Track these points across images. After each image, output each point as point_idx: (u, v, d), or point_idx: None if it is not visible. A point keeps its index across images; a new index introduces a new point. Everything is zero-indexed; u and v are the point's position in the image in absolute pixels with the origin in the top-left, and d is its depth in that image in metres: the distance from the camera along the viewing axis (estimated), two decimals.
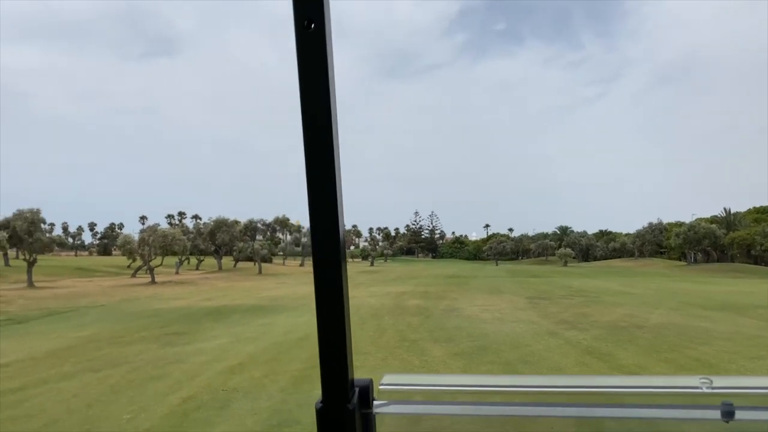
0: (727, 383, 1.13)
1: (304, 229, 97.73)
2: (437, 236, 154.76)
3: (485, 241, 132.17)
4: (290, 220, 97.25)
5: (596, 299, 26.83)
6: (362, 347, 13.89)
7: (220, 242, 65.85)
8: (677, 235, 77.26)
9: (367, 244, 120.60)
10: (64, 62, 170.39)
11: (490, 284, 39.56)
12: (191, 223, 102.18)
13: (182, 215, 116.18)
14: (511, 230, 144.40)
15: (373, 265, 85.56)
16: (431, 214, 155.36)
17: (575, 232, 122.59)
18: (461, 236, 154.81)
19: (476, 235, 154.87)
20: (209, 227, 66.87)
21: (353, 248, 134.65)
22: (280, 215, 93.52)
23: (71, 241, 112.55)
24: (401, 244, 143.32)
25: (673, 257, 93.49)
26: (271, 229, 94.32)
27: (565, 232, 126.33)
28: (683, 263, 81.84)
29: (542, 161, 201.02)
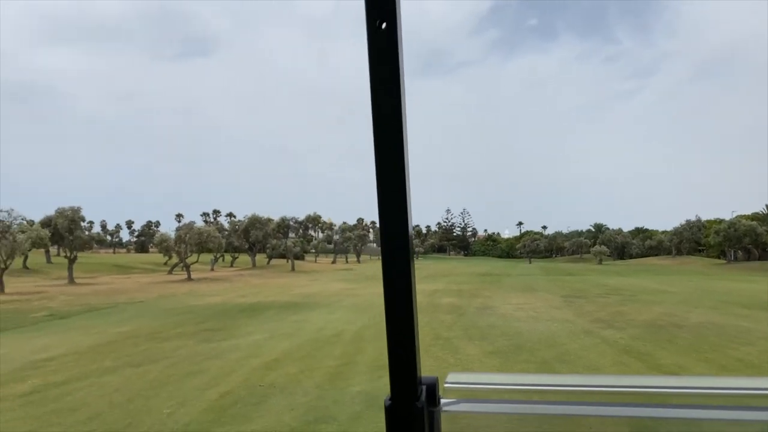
0: None
1: (335, 226, 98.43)
2: (469, 234, 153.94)
3: (518, 238, 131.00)
4: (322, 217, 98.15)
5: (633, 298, 26.35)
6: None
7: (253, 240, 66.69)
8: (716, 232, 75.31)
9: None
10: (101, 63, 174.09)
11: (523, 282, 39.20)
12: (226, 220, 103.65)
13: (217, 213, 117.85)
14: (544, 228, 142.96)
15: None
16: (463, 211, 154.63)
17: (610, 229, 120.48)
18: (494, 234, 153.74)
19: (509, 232, 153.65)
20: (243, 225, 67.77)
21: None
22: (312, 213, 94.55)
23: (110, 238, 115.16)
24: (433, 242, 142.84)
25: (711, 255, 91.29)
26: (303, 226, 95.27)
27: (600, 229, 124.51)
28: (723, 261, 79.82)
29: (577, 158, 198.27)
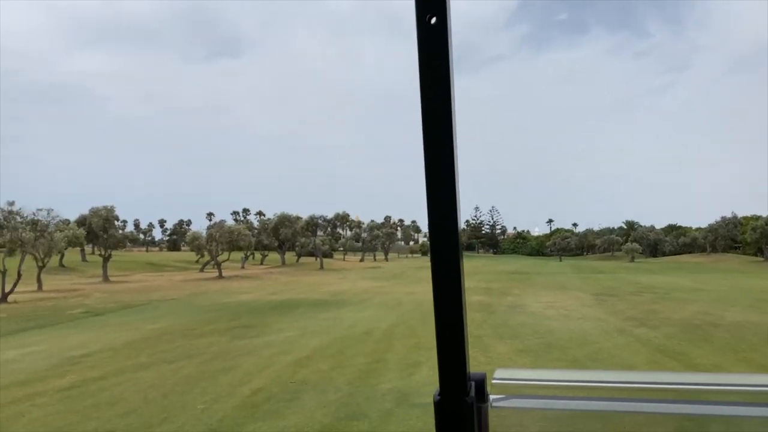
0: None
1: (363, 224, 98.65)
2: (498, 232, 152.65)
3: (548, 236, 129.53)
4: (350, 215, 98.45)
5: (666, 296, 25.87)
6: (427, 342, 13.88)
7: (283, 238, 67.20)
8: (754, 229, 73.39)
9: (426, 239, 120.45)
10: (133, 65, 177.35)
11: (554, 280, 38.79)
12: (255, 219, 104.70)
13: (246, 212, 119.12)
14: (575, 225, 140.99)
15: None
16: (492, 209, 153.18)
17: (642, 226, 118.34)
18: (523, 231, 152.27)
19: (539, 230, 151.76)
20: (272, 223, 68.35)
21: (412, 244, 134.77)
22: (340, 211, 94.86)
23: (142, 237, 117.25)
24: (461, 239, 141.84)
25: (748, 253, 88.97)
26: (331, 224, 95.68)
27: (632, 226, 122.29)
28: (760, 259, 77.74)
29: (608, 154, 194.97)
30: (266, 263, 69.25)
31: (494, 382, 1.14)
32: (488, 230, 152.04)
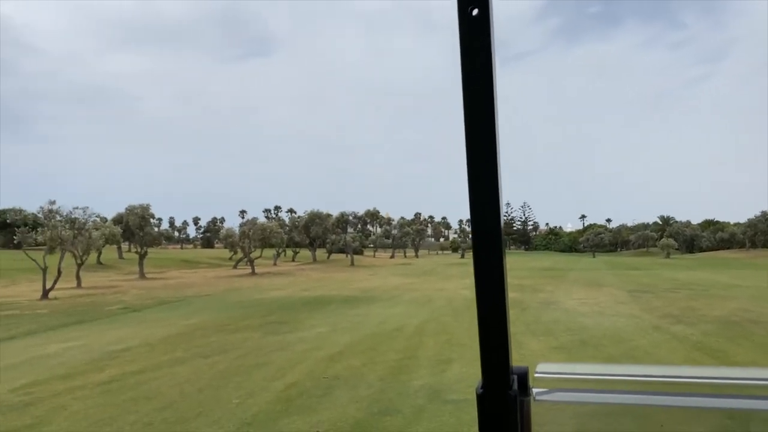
0: None
1: (393, 221, 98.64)
2: (530, 228, 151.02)
3: (581, 232, 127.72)
4: (380, 212, 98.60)
5: (704, 292, 25.32)
6: (458, 339, 13.85)
7: (313, 235, 67.71)
8: None
9: (456, 236, 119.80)
10: (167, 65, 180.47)
11: (587, 277, 38.26)
12: (287, 216, 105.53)
13: (278, 209, 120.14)
14: (608, 221, 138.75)
15: (463, 257, 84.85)
16: (523, 204, 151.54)
17: (678, 221, 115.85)
18: (555, 227, 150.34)
19: (571, 226, 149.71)
20: (303, 220, 68.90)
21: (443, 240, 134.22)
22: (370, 208, 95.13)
23: (177, 234, 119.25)
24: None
25: None
26: (362, 221, 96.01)
27: (667, 222, 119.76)
28: None
29: (642, 148, 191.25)
30: (297, 260, 69.83)
31: (537, 375, 1.15)
32: (520, 226, 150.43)
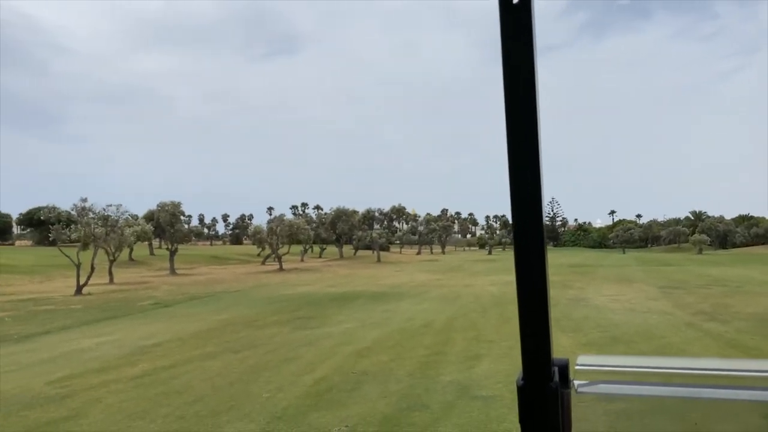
0: None
1: (419, 217, 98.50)
2: (558, 224, 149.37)
3: (611, 228, 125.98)
4: (406, 209, 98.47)
5: (738, 289, 24.75)
6: (487, 335, 13.78)
7: (340, 231, 68.01)
8: None
9: (484, 232, 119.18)
10: (197, 65, 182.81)
11: (617, 273, 37.69)
12: (313, 213, 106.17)
13: (305, 206, 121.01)
14: (639, 216, 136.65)
15: (491, 253, 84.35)
16: (552, 200, 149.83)
17: (711, 217, 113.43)
18: (584, 223, 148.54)
19: (601, 221, 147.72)
20: (330, 217, 69.23)
21: (469, 236, 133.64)
22: (396, 204, 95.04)
23: (206, 231, 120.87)
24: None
25: None
26: (388, 218, 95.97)
27: (699, 217, 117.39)
28: None
29: (673, 142, 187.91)
30: (324, 256, 70.16)
31: (577, 368, 1.13)
32: (548, 222, 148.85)
